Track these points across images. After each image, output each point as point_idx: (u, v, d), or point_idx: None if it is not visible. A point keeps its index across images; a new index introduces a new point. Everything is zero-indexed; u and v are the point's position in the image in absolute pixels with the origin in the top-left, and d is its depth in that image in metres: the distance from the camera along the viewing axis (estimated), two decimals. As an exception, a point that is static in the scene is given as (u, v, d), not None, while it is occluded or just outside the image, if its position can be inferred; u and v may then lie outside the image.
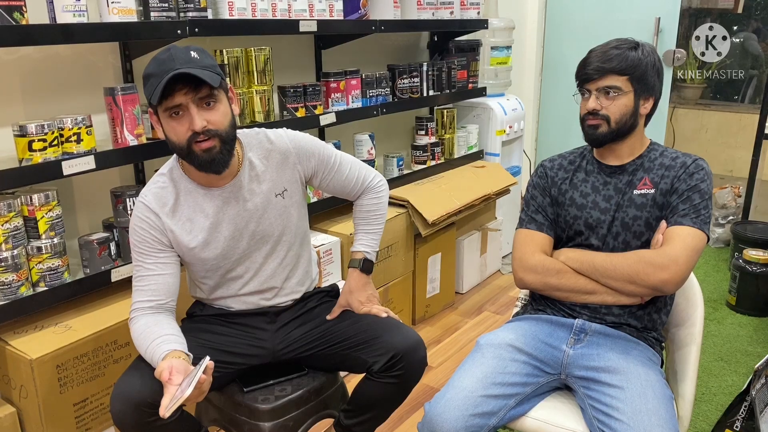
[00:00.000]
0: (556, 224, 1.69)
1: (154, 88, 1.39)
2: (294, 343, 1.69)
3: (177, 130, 1.43)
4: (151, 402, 1.38)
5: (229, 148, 1.48)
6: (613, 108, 1.56)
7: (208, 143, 1.43)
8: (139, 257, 1.53)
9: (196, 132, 1.41)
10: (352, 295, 1.73)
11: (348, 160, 1.73)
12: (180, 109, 1.41)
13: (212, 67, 1.43)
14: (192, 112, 1.41)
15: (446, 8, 3.05)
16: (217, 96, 1.44)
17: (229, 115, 1.48)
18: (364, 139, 2.80)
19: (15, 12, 1.59)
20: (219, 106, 1.45)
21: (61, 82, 1.99)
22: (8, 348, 1.71)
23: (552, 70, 4.23)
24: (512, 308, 1.86)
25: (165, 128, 1.46)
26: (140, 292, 1.52)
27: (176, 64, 1.38)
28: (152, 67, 1.42)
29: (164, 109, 1.42)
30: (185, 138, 1.43)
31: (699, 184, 1.54)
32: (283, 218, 1.62)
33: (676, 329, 1.67)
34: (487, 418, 1.43)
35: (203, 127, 1.41)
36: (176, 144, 1.45)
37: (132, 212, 1.57)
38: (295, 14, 2.31)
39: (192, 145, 1.43)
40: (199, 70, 1.38)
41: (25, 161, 1.70)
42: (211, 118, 1.43)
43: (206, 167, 1.46)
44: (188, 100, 1.40)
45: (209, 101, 1.43)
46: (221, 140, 1.45)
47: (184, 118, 1.42)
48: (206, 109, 1.43)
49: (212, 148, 1.44)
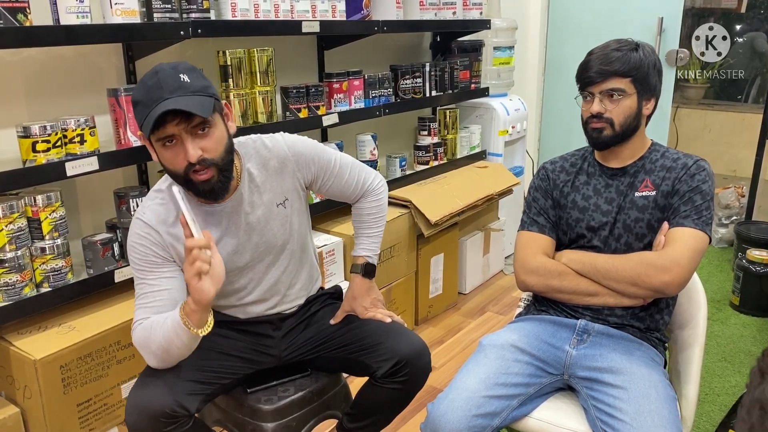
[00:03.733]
0: (558, 227, 1.69)
1: (143, 118, 1.32)
2: (299, 348, 1.69)
3: (172, 160, 1.37)
4: (168, 412, 1.37)
5: (227, 175, 1.43)
6: (617, 111, 1.55)
7: (205, 175, 1.38)
8: (141, 275, 1.46)
9: (192, 163, 1.36)
10: (356, 301, 1.71)
11: (347, 163, 1.68)
12: (173, 138, 1.34)
13: (204, 89, 1.36)
14: (186, 143, 1.34)
15: (449, 8, 3.05)
16: (211, 121, 1.36)
17: (224, 138, 1.41)
18: (367, 140, 2.80)
19: (19, 13, 1.59)
20: (214, 132, 1.37)
21: (64, 84, 1.99)
22: (12, 348, 1.71)
23: (555, 70, 4.23)
24: (515, 309, 1.86)
25: (159, 156, 1.40)
26: (143, 309, 1.44)
27: (165, 92, 1.31)
28: (140, 93, 1.34)
29: (156, 139, 1.36)
30: (182, 168, 1.37)
31: (700, 185, 1.53)
32: (286, 228, 1.60)
33: (679, 330, 1.66)
34: (490, 418, 1.43)
35: (199, 157, 1.35)
36: (173, 172, 1.40)
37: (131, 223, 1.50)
38: (298, 15, 2.31)
39: (189, 175, 1.38)
40: (190, 98, 1.31)
41: (28, 162, 1.70)
42: (205, 145, 1.36)
43: (205, 196, 1.42)
44: (181, 131, 1.33)
45: (203, 127, 1.35)
46: (218, 169, 1.39)
47: (177, 147, 1.35)
48: (200, 136, 1.36)
49: (210, 180, 1.39)
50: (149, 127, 1.30)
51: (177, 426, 1.40)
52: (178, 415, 1.39)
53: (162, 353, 1.39)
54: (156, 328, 1.38)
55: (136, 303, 1.47)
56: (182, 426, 1.41)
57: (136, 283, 1.48)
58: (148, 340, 1.39)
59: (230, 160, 1.44)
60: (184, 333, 1.34)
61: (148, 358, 1.43)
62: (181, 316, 1.34)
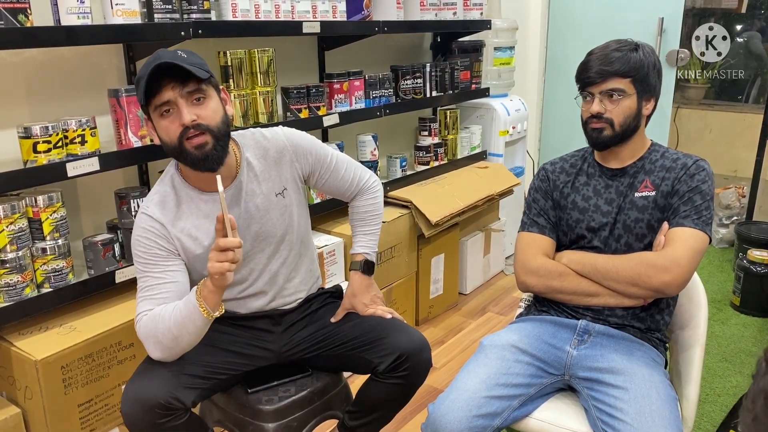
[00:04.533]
0: (558, 227, 1.69)
1: (143, 89, 1.38)
2: (299, 345, 1.69)
3: (168, 128, 1.41)
4: (163, 404, 1.38)
5: (223, 145, 1.46)
6: (617, 111, 1.55)
7: (199, 139, 1.41)
8: (146, 268, 1.47)
9: (186, 127, 1.39)
10: (355, 298, 1.72)
11: (344, 160, 1.72)
12: (169, 106, 1.40)
13: (200, 65, 1.42)
14: (180, 107, 1.39)
15: (449, 9, 3.05)
16: (206, 91, 1.42)
17: (220, 111, 1.46)
18: (368, 140, 2.80)
19: (20, 14, 1.59)
20: (209, 102, 1.43)
21: (65, 84, 1.99)
22: (13, 349, 1.72)
23: (555, 70, 4.23)
24: (516, 309, 1.86)
25: (158, 129, 1.44)
26: (148, 301, 1.45)
27: (161, 60, 1.37)
28: (141, 71, 1.41)
29: (154, 108, 1.41)
30: (176, 135, 1.41)
31: (700, 185, 1.54)
32: (285, 218, 1.62)
33: (680, 330, 1.66)
34: (490, 419, 1.44)
35: (192, 121, 1.39)
36: (169, 144, 1.43)
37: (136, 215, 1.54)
38: (299, 16, 2.31)
39: (184, 143, 1.41)
40: (184, 64, 1.37)
41: (29, 163, 1.70)
42: (200, 113, 1.41)
43: (200, 164, 1.44)
44: (176, 95, 1.38)
45: (198, 96, 1.41)
46: (213, 136, 1.42)
47: (174, 115, 1.40)
48: (195, 104, 1.41)
49: (204, 145, 1.41)
50: (144, 89, 1.37)
51: (172, 418, 1.41)
52: (173, 407, 1.40)
53: (170, 341, 1.41)
54: (165, 315, 1.40)
55: (138, 296, 1.48)
56: (177, 419, 1.42)
57: (140, 276, 1.49)
58: (156, 330, 1.41)
59: (225, 132, 1.47)
60: (198, 316, 1.38)
61: (152, 349, 1.44)
62: (197, 298, 1.37)
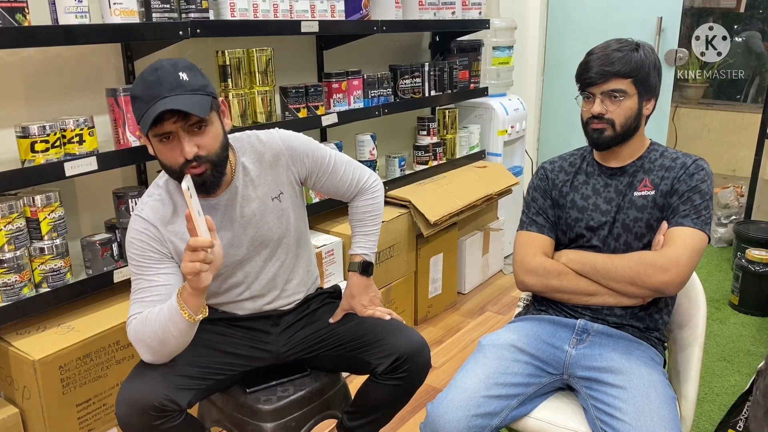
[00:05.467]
0: (557, 226, 1.69)
1: (141, 114, 1.35)
2: (298, 345, 1.69)
3: (168, 155, 1.40)
4: (157, 405, 1.38)
5: (220, 170, 1.45)
6: (618, 112, 1.55)
7: (199, 169, 1.40)
8: (139, 270, 1.47)
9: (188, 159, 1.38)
10: (354, 299, 1.71)
11: (342, 161, 1.70)
12: (170, 134, 1.37)
13: (203, 88, 1.38)
14: (182, 140, 1.37)
15: (448, 8, 3.04)
16: (208, 120, 1.39)
17: (220, 135, 1.43)
18: (366, 140, 2.80)
19: (17, 13, 1.59)
20: (210, 130, 1.40)
21: (63, 84, 1.99)
22: (11, 349, 1.71)
23: (554, 69, 4.23)
24: (514, 308, 1.86)
25: (156, 150, 1.43)
26: (139, 304, 1.45)
27: (164, 90, 1.33)
28: (139, 89, 1.36)
29: (153, 135, 1.39)
30: (177, 164, 1.39)
31: (699, 185, 1.53)
32: (282, 221, 1.61)
33: (678, 330, 1.66)
34: (489, 418, 1.43)
35: (194, 154, 1.38)
36: (168, 168, 1.43)
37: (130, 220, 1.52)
38: (297, 15, 2.31)
39: (185, 171, 1.39)
40: (188, 97, 1.33)
41: (27, 162, 1.70)
42: (201, 142, 1.39)
43: (198, 190, 1.43)
44: (178, 128, 1.36)
45: (200, 125, 1.38)
46: (212, 164, 1.42)
47: (174, 143, 1.38)
48: (196, 133, 1.38)
49: (203, 174, 1.41)
50: (147, 125, 1.33)
51: (167, 420, 1.41)
52: (168, 408, 1.40)
53: (157, 344, 1.40)
54: (151, 317, 1.39)
55: (132, 298, 1.48)
56: (172, 420, 1.42)
57: (133, 279, 1.49)
58: (143, 333, 1.40)
59: (225, 156, 1.46)
60: (180, 319, 1.36)
61: (142, 352, 1.43)
62: (178, 301, 1.36)
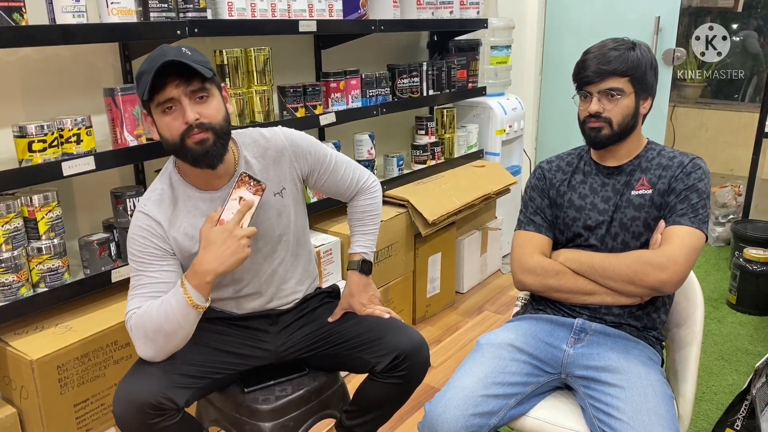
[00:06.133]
0: (555, 226, 1.69)
1: (146, 84, 1.37)
2: (296, 344, 1.69)
3: (170, 125, 1.41)
4: (154, 404, 1.38)
5: (224, 142, 1.46)
6: (615, 110, 1.55)
7: (201, 135, 1.41)
8: (140, 267, 1.48)
9: (190, 125, 1.40)
10: (353, 298, 1.72)
11: (343, 161, 1.72)
12: (172, 103, 1.40)
13: (204, 62, 1.42)
14: (184, 105, 1.39)
15: (446, 8, 3.04)
16: (209, 90, 1.43)
17: (222, 110, 1.46)
18: (364, 139, 2.80)
19: (14, 13, 1.59)
20: (212, 101, 1.43)
21: (60, 83, 1.99)
22: (9, 349, 1.71)
23: (552, 69, 4.23)
24: (512, 308, 1.86)
25: (158, 125, 1.44)
26: (139, 299, 1.46)
27: (167, 56, 1.36)
28: (144, 65, 1.40)
29: (156, 104, 1.40)
30: (179, 132, 1.41)
31: (697, 184, 1.54)
32: (283, 218, 1.62)
33: (676, 329, 1.67)
34: (487, 417, 1.44)
35: (196, 120, 1.40)
36: (169, 140, 1.43)
37: (132, 215, 1.54)
38: (295, 14, 2.31)
39: (185, 139, 1.41)
40: (189, 62, 1.37)
41: (24, 162, 1.70)
42: (203, 111, 1.41)
43: (200, 161, 1.44)
44: (180, 93, 1.39)
45: (201, 95, 1.41)
46: (215, 133, 1.43)
47: (177, 112, 1.40)
48: (198, 102, 1.41)
49: (205, 141, 1.42)
50: (149, 86, 1.36)
51: (164, 418, 1.41)
52: (165, 407, 1.40)
53: (160, 336, 1.41)
54: (153, 310, 1.41)
55: (130, 294, 1.48)
56: (170, 419, 1.42)
57: (133, 275, 1.49)
58: (144, 325, 1.41)
59: (227, 130, 1.48)
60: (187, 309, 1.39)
61: (141, 347, 1.44)
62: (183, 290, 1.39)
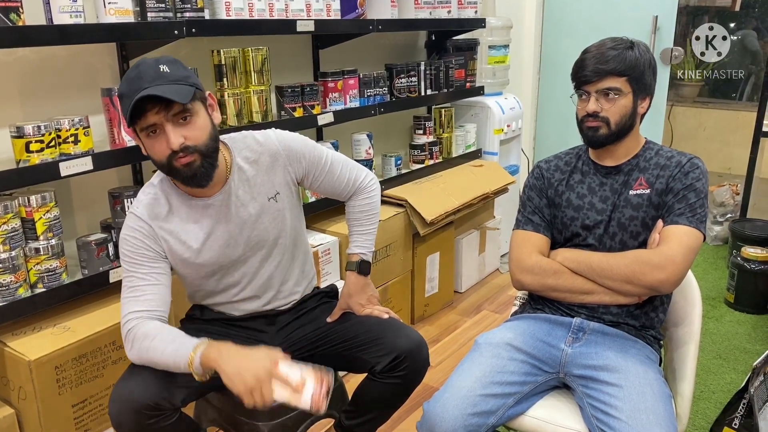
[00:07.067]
0: (553, 225, 1.69)
1: (126, 109, 1.36)
2: (295, 345, 1.68)
3: (155, 148, 1.40)
4: (150, 404, 1.38)
5: (211, 161, 1.45)
6: (613, 110, 1.55)
7: (187, 158, 1.40)
8: (132, 267, 1.48)
9: (175, 150, 1.38)
10: (351, 299, 1.72)
11: (339, 160, 1.70)
12: (155, 127, 1.38)
13: (184, 79, 1.38)
14: (167, 131, 1.37)
15: (444, 7, 3.04)
16: (191, 109, 1.39)
17: (207, 127, 1.43)
18: (362, 139, 2.80)
19: (11, 13, 1.58)
20: (196, 120, 1.40)
21: (58, 83, 1.98)
22: (7, 349, 1.71)
23: (550, 68, 4.23)
24: (511, 307, 1.86)
25: (145, 146, 1.43)
26: (135, 302, 1.45)
27: (144, 82, 1.33)
28: (123, 87, 1.38)
29: (140, 129, 1.39)
30: (164, 156, 1.40)
31: (694, 183, 1.54)
32: (278, 222, 1.61)
33: (674, 328, 1.67)
34: (485, 417, 1.44)
35: (181, 145, 1.38)
36: (157, 162, 1.43)
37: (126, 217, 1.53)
38: (293, 14, 2.30)
39: (173, 162, 1.40)
40: (168, 86, 1.34)
41: (22, 162, 1.69)
42: (188, 133, 1.39)
43: (189, 182, 1.44)
44: (161, 119, 1.36)
45: (185, 116, 1.39)
46: (201, 154, 1.41)
47: (160, 136, 1.38)
48: (182, 125, 1.39)
49: (192, 163, 1.41)
50: (128, 117, 1.34)
51: (160, 419, 1.41)
52: (161, 407, 1.40)
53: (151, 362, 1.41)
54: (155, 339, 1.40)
55: (124, 295, 1.48)
56: (166, 419, 1.42)
57: (125, 275, 1.49)
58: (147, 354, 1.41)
59: (215, 148, 1.46)
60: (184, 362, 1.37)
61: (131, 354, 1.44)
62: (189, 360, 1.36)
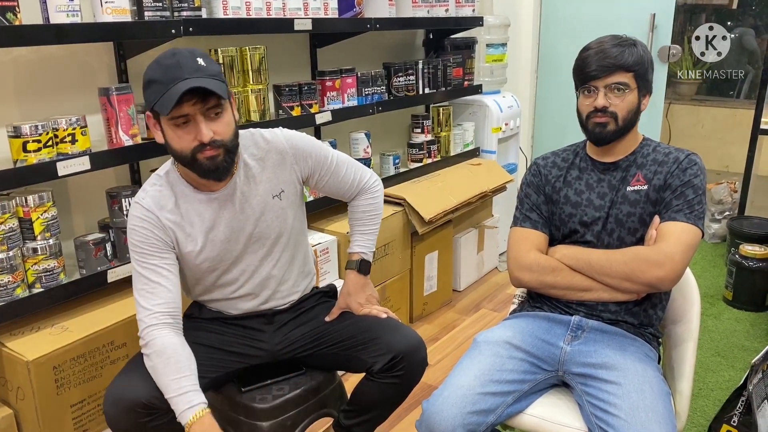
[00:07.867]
0: (551, 222, 1.69)
1: (159, 95, 1.36)
2: (293, 344, 1.68)
3: (182, 139, 1.41)
4: (145, 403, 1.38)
5: (232, 156, 1.47)
6: (621, 105, 1.55)
7: (212, 152, 1.41)
8: (143, 258, 1.47)
9: (203, 143, 1.40)
10: (350, 297, 1.72)
11: (344, 161, 1.71)
12: (186, 118, 1.39)
13: (218, 75, 1.41)
14: (200, 124, 1.39)
15: (441, 6, 3.04)
16: (223, 105, 1.42)
17: (232, 124, 1.47)
18: (360, 138, 2.80)
19: (8, 12, 1.58)
20: (225, 116, 1.43)
21: (55, 83, 1.98)
22: (5, 350, 1.71)
23: (547, 66, 4.23)
24: (509, 305, 1.86)
25: (168, 136, 1.43)
26: (151, 296, 1.45)
27: (184, 72, 1.35)
28: (157, 72, 1.38)
29: (170, 117, 1.39)
30: (190, 147, 1.41)
31: (692, 180, 1.54)
32: (280, 220, 1.61)
33: (673, 325, 1.67)
34: (484, 415, 1.44)
35: (211, 138, 1.40)
36: (179, 152, 1.43)
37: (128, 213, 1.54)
38: (290, 13, 2.30)
39: (196, 154, 1.41)
40: (209, 80, 1.36)
41: (19, 162, 1.69)
42: (217, 128, 1.41)
43: (209, 175, 1.45)
44: (196, 111, 1.38)
45: (217, 111, 1.41)
46: (226, 149, 1.44)
47: (190, 127, 1.40)
48: (213, 119, 1.41)
49: (216, 157, 1.42)
50: (169, 106, 1.34)
51: (154, 418, 1.41)
52: (156, 406, 1.40)
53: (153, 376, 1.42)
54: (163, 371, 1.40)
55: (138, 287, 1.47)
56: (159, 418, 1.42)
57: (137, 267, 1.49)
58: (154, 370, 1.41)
59: (236, 144, 1.49)
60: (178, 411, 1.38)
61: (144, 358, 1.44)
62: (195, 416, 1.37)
